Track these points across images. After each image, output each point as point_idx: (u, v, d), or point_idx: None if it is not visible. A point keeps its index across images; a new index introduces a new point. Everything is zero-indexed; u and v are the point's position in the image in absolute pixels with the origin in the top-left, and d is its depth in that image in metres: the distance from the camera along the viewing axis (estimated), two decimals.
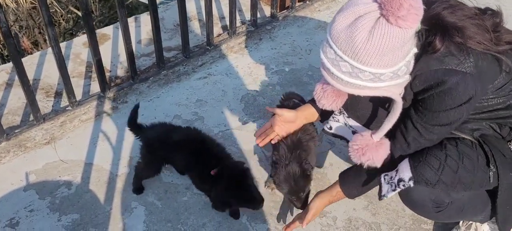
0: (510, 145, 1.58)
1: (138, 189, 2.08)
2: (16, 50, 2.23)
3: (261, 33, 3.10)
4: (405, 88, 1.43)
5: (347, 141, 1.83)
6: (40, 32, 5.23)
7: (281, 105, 2.07)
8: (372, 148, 1.53)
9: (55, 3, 5.26)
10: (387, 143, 1.54)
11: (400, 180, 1.52)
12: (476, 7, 1.46)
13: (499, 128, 1.56)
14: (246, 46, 3.00)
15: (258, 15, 3.19)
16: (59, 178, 2.17)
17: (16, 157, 2.27)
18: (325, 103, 1.69)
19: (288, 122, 1.85)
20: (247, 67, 2.84)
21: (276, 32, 3.12)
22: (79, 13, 4.38)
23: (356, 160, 1.56)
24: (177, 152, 1.95)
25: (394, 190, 1.54)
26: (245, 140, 2.36)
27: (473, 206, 1.67)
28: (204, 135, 2.01)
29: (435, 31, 1.33)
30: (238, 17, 3.23)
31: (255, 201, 1.85)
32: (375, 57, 1.25)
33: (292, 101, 2.09)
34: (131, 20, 3.25)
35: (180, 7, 2.64)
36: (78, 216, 2.01)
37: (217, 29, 3.17)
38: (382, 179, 1.55)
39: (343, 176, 1.72)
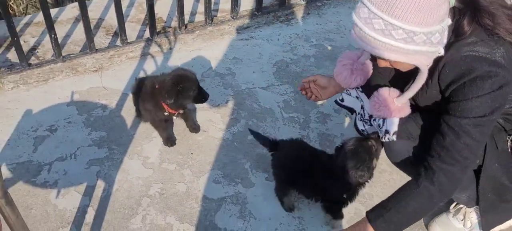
0: (508, 138, 1.57)
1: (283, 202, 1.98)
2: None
3: (310, 8, 3.19)
4: (431, 79, 1.42)
5: (352, 110, 1.91)
6: None
7: None
8: (389, 108, 1.56)
9: None
10: (405, 109, 1.58)
11: (386, 132, 1.58)
12: None
13: (504, 121, 1.56)
14: (292, 18, 3.11)
15: None
16: (98, 101, 2.45)
17: (67, 77, 2.58)
18: (341, 79, 1.76)
19: (321, 86, 1.91)
20: (288, 37, 2.95)
21: (325, 9, 3.20)
22: None
23: (370, 110, 1.61)
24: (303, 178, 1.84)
25: (382, 139, 1.61)
26: (268, 99, 2.49)
27: None
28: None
29: (467, 9, 1.34)
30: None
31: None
32: (411, 11, 1.23)
33: None
34: None
35: None
36: (106, 134, 2.26)
37: None
38: (373, 121, 1.62)
39: (375, 215, 1.53)
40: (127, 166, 2.11)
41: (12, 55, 2.69)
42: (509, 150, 1.59)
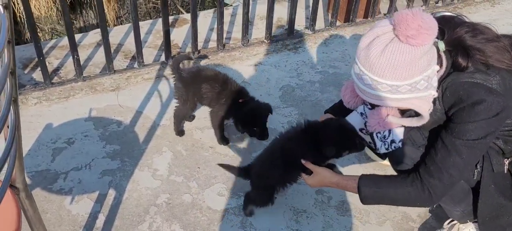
0: (506, 161, 1.66)
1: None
2: (103, 19, 2.74)
3: (317, 38, 3.35)
4: (435, 103, 1.53)
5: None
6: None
7: None
8: (381, 123, 1.66)
9: None
10: (394, 127, 1.69)
11: (392, 141, 1.69)
12: (497, 32, 1.54)
13: (503, 142, 1.62)
14: (299, 47, 3.28)
15: (318, 22, 3.44)
16: (113, 117, 2.61)
17: (86, 95, 2.77)
18: (348, 100, 1.87)
19: None
20: (295, 64, 3.11)
21: (332, 39, 3.35)
22: None
23: (372, 126, 1.71)
24: None
25: (387, 149, 1.71)
26: (273, 120, 2.62)
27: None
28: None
29: (457, 51, 1.48)
30: (299, 21, 3.51)
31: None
32: (388, 70, 1.41)
33: None
34: (208, 12, 3.70)
35: (247, 6, 3.00)
36: (119, 147, 2.42)
37: (278, 28, 3.48)
38: (375, 136, 1.73)
39: (365, 180, 1.70)
40: (137, 177, 2.25)
41: (37, 75, 2.90)
42: (505, 172, 1.66)
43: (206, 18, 3.70)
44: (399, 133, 1.68)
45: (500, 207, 1.65)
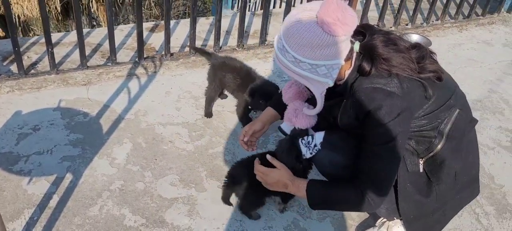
0: (421, 160, 1.77)
1: None
2: (80, 17, 2.88)
3: None
4: (346, 107, 1.66)
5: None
6: None
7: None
8: (298, 116, 1.83)
9: None
10: (311, 120, 1.85)
11: (315, 145, 1.80)
12: (411, 43, 1.68)
13: (416, 143, 1.73)
14: (269, 56, 3.42)
15: None
16: (81, 109, 2.73)
17: (58, 87, 2.89)
18: (286, 98, 2.01)
19: (259, 130, 2.10)
20: (263, 72, 3.23)
21: None
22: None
23: (286, 119, 1.88)
24: None
25: (311, 153, 1.82)
26: (234, 121, 2.75)
27: None
28: None
29: (365, 56, 1.60)
30: (274, 33, 3.66)
31: None
32: (296, 42, 1.52)
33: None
34: (185, 21, 3.84)
35: (219, 14, 3.15)
36: (82, 136, 2.52)
37: (252, 39, 3.63)
38: (300, 142, 1.84)
39: (313, 182, 1.78)
40: (96, 164, 2.35)
41: (14, 67, 3.02)
42: (421, 171, 1.76)
43: (186, 26, 3.84)
44: (318, 137, 1.80)
45: (420, 205, 1.75)
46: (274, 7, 5.62)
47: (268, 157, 1.89)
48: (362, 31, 1.61)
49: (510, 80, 3.51)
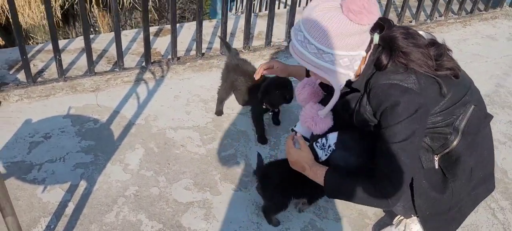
0: (436, 157, 1.77)
1: None
2: (87, 24, 2.88)
3: None
4: (362, 102, 1.65)
5: (308, 140, 2.13)
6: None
7: None
8: (314, 120, 1.83)
9: None
10: (328, 121, 1.83)
11: (329, 146, 1.80)
12: (430, 39, 1.67)
13: (430, 140, 1.73)
14: (276, 57, 3.42)
15: None
16: (91, 115, 2.72)
17: (66, 95, 2.88)
18: (301, 99, 2.01)
19: (279, 71, 2.28)
20: None
21: None
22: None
23: (303, 123, 1.86)
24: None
25: (326, 155, 1.82)
26: (244, 123, 2.75)
27: None
28: None
29: (384, 48, 1.60)
30: (278, 34, 3.66)
31: None
32: (320, 33, 1.51)
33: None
34: (192, 24, 3.84)
35: (225, 17, 3.15)
36: (94, 143, 2.52)
37: (256, 41, 3.63)
38: (315, 146, 1.84)
39: (332, 170, 1.77)
40: (109, 171, 2.35)
41: (22, 75, 3.01)
42: (437, 167, 1.76)
43: (190, 29, 3.84)
44: (332, 138, 1.80)
45: (436, 201, 1.75)
46: (278, 8, 5.61)
47: (296, 135, 1.89)
48: (380, 24, 1.61)
49: None
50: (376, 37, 1.59)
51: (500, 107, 3.03)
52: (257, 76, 2.32)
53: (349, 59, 1.55)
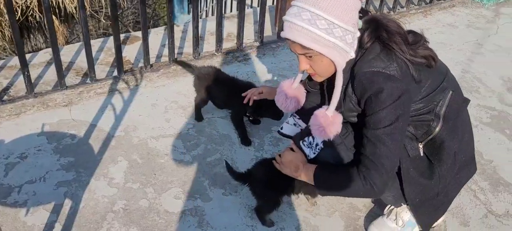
0: (420, 144, 1.82)
1: None
2: (54, 35, 2.77)
3: (265, 50, 3.51)
4: (347, 92, 1.67)
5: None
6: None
7: None
8: (327, 124, 1.76)
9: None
10: (338, 118, 1.77)
11: (316, 144, 1.82)
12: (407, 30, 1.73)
13: (414, 128, 1.78)
14: (249, 58, 3.42)
15: (266, 35, 3.61)
16: (67, 131, 2.63)
17: (38, 111, 2.77)
18: (279, 104, 2.02)
19: (268, 95, 2.30)
20: (245, 74, 3.24)
21: (279, 50, 3.52)
22: None
23: (319, 136, 1.79)
24: None
25: (314, 153, 1.83)
26: (226, 126, 2.73)
27: None
28: None
29: (368, 26, 1.62)
30: (248, 35, 3.67)
31: None
32: (331, 4, 1.50)
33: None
34: (159, 29, 3.78)
35: (196, 21, 3.12)
36: (74, 159, 2.43)
37: (227, 43, 3.62)
38: (302, 145, 1.86)
39: (321, 166, 1.83)
40: (94, 186, 2.28)
41: None
42: (422, 155, 1.81)
43: (157, 35, 3.78)
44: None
45: (424, 188, 1.81)
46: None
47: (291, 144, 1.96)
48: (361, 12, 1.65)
49: (479, 60, 3.69)
50: (360, 22, 1.63)
51: (468, 92, 3.17)
52: (250, 102, 2.40)
53: (352, 36, 1.58)
